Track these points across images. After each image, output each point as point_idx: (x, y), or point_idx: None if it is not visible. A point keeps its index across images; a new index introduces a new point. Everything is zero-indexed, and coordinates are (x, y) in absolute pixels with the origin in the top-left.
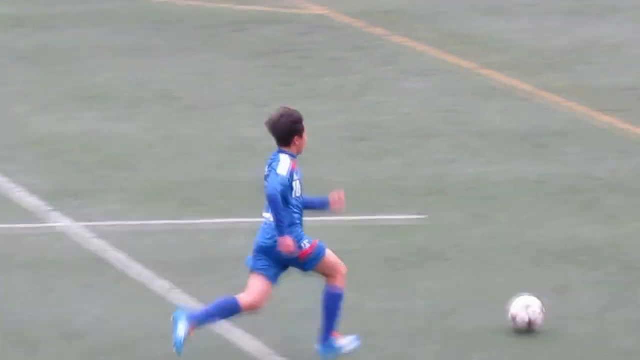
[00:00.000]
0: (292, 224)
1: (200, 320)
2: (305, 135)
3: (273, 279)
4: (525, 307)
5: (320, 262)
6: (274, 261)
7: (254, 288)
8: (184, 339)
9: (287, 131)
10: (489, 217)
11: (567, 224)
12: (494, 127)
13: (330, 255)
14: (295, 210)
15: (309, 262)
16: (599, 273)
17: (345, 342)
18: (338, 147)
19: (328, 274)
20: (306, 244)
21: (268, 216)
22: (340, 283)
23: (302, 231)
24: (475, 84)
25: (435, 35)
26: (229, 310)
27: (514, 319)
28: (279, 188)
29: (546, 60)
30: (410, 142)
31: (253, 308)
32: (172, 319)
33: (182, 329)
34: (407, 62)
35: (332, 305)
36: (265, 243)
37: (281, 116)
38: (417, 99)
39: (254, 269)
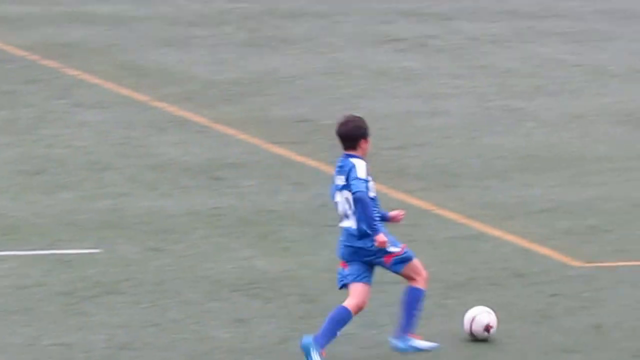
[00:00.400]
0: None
1: (326, 341)
2: (370, 139)
3: (368, 280)
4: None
5: (408, 264)
6: (362, 264)
7: (355, 292)
8: None
9: (355, 135)
10: (165, 250)
11: (243, 256)
12: (169, 159)
13: (415, 259)
14: (375, 208)
15: (398, 264)
16: (275, 304)
17: (423, 343)
18: (13, 180)
19: (412, 277)
20: (396, 248)
21: (348, 224)
22: (422, 285)
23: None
24: (150, 116)
25: (109, 68)
26: (343, 319)
27: (490, 328)
28: (365, 189)
29: (221, 92)
30: (85, 175)
31: (360, 308)
32: (302, 349)
33: (316, 357)
34: (82, 94)
35: (413, 301)
36: (352, 247)
37: (348, 121)
38: (92, 132)
39: (351, 282)
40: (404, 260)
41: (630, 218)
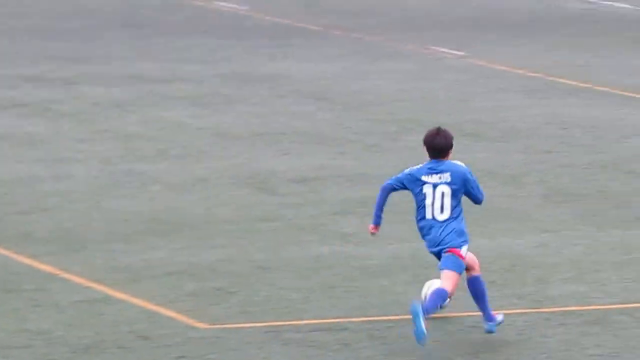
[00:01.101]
0: None
1: (430, 311)
2: None
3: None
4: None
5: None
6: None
7: (449, 278)
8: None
9: (449, 145)
10: None
11: None
12: None
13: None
14: None
15: (458, 262)
16: None
17: (500, 316)
18: None
19: (472, 265)
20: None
21: (442, 218)
22: (478, 271)
23: None
24: None
25: None
26: (443, 297)
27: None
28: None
29: None
30: None
31: (453, 293)
32: (411, 312)
33: (423, 322)
34: None
35: (480, 288)
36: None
37: (440, 132)
38: None
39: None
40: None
41: (253, 280)
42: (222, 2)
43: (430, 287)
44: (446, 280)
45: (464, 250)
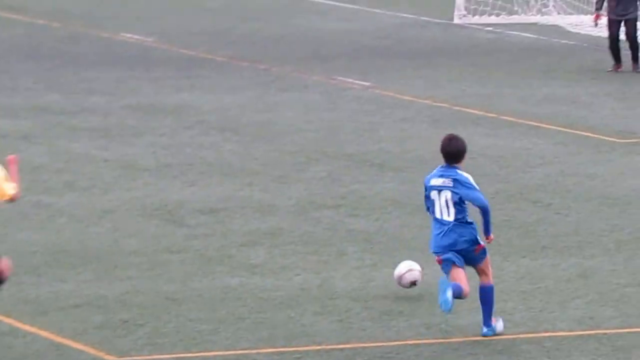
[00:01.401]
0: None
1: (454, 291)
2: None
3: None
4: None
5: (486, 258)
6: (460, 254)
7: (462, 277)
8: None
9: (463, 150)
10: None
11: None
12: None
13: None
14: None
15: (482, 255)
16: None
17: (499, 323)
18: None
19: (485, 271)
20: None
21: (450, 219)
22: (491, 280)
23: None
24: None
25: None
26: (460, 292)
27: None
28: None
29: None
30: None
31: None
32: (439, 284)
33: (450, 294)
34: None
35: (489, 296)
36: (463, 242)
37: (454, 138)
38: None
39: (458, 265)
40: (486, 253)
41: (162, 311)
42: (128, 33)
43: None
44: (484, 277)
45: (482, 241)
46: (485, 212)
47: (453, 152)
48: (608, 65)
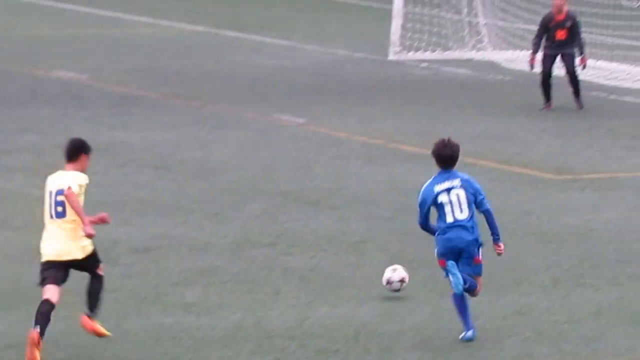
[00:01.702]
0: None
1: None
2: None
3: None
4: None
5: (481, 273)
6: (457, 257)
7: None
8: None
9: (458, 154)
10: None
11: None
12: None
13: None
14: None
15: (481, 267)
16: None
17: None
18: None
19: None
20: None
21: (465, 217)
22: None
23: None
24: None
25: None
26: (474, 288)
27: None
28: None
29: None
30: None
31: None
32: (449, 267)
33: (460, 277)
34: None
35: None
36: (467, 242)
37: (449, 143)
38: None
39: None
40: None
41: (96, 352)
42: (62, 71)
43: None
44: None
45: (481, 256)
46: (490, 214)
47: (449, 156)
48: (542, 101)
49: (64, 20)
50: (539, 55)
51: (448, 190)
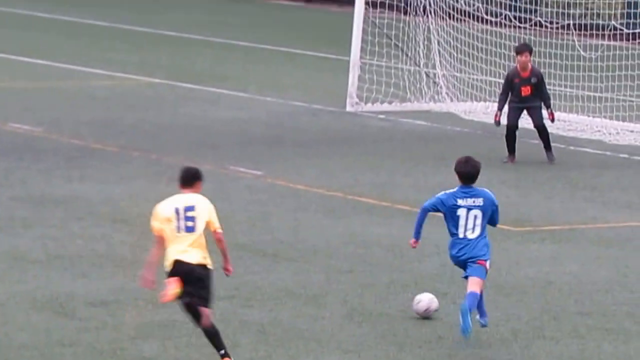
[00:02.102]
0: None
1: (472, 309)
2: None
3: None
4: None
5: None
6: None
7: (477, 283)
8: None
9: (477, 172)
10: None
11: None
12: None
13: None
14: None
15: (483, 270)
16: None
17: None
18: None
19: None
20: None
21: (473, 236)
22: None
23: None
24: None
25: None
26: (476, 298)
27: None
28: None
29: None
30: None
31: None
32: (460, 311)
33: (470, 319)
34: None
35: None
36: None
37: (470, 159)
38: None
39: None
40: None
41: None
42: (16, 123)
43: (419, 301)
44: (476, 285)
45: (488, 263)
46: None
47: (472, 173)
48: (502, 152)
49: (18, 73)
50: (505, 110)
51: (469, 208)
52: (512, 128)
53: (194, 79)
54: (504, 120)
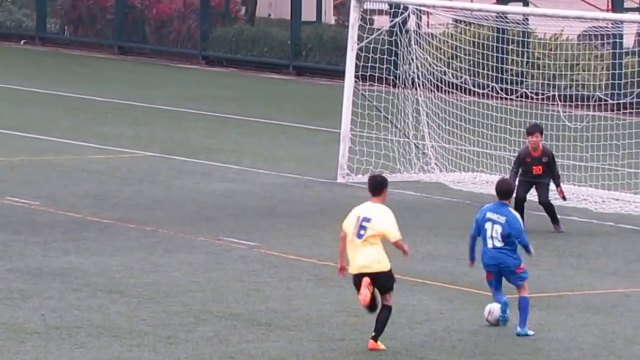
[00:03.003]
0: None
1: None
2: None
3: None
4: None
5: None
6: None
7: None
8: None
9: (511, 190)
10: None
11: None
12: None
13: None
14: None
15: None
16: None
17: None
18: None
19: (523, 286)
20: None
21: (500, 245)
22: (527, 292)
23: None
24: None
25: None
26: (528, 304)
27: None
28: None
29: None
30: None
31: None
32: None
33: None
34: None
35: (526, 305)
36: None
37: (505, 180)
38: None
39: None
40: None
41: None
42: (13, 197)
43: (491, 311)
44: (524, 290)
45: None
46: (525, 247)
47: (506, 190)
48: None
49: (16, 147)
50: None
51: (494, 222)
52: (520, 200)
53: (188, 152)
54: (485, 188)
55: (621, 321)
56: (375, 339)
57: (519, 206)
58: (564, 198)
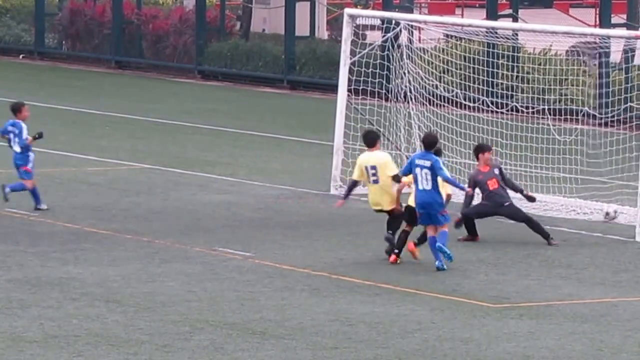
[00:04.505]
0: None
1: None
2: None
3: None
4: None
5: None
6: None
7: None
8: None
9: (434, 141)
10: None
11: None
12: None
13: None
14: None
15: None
16: None
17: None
18: None
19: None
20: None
21: (429, 188)
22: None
23: None
24: None
25: None
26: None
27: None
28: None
29: None
30: None
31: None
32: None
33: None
34: None
35: (444, 235)
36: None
37: (430, 134)
38: None
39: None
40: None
41: None
42: (13, 208)
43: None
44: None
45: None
46: (452, 183)
47: (429, 142)
48: (481, 232)
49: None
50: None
51: (422, 167)
52: (470, 219)
53: (184, 165)
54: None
55: (609, 330)
56: (415, 243)
57: (469, 223)
58: (533, 199)
